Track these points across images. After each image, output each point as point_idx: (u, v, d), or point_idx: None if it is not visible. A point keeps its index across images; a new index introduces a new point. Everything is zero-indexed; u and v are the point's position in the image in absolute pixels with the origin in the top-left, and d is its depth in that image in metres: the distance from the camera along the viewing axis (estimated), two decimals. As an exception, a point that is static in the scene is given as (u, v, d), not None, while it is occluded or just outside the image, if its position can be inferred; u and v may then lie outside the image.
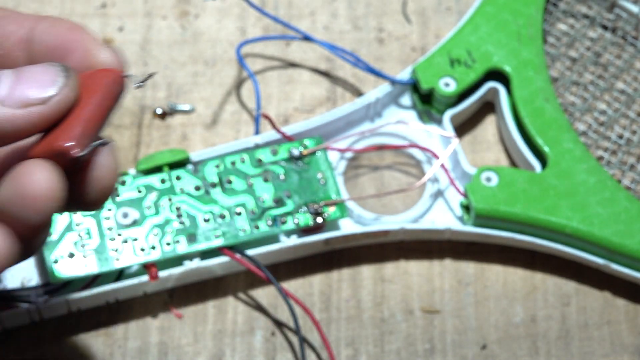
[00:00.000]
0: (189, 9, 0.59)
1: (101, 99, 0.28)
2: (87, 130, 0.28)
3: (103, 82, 0.29)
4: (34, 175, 0.27)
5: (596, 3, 0.58)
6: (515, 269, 0.52)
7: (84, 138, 0.28)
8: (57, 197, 0.27)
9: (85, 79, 0.29)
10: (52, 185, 0.27)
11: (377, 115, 0.55)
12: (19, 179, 0.27)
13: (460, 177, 0.53)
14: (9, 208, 0.27)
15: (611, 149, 0.54)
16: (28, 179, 0.27)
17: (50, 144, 0.28)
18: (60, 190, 0.27)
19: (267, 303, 0.51)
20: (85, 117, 0.28)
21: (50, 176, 0.27)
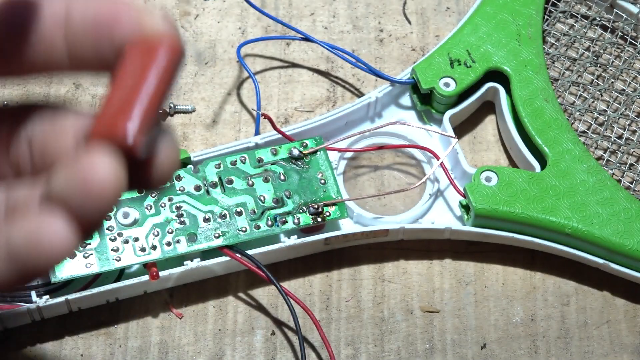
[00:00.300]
0: (190, 9, 0.59)
1: (160, 76, 0.25)
2: (149, 115, 0.25)
3: (159, 55, 0.25)
4: (97, 164, 0.25)
5: (596, 3, 0.58)
6: (514, 268, 0.52)
7: (145, 123, 0.25)
8: (120, 187, 0.25)
9: (138, 49, 0.25)
10: (116, 176, 0.25)
11: (377, 115, 0.55)
12: (81, 168, 0.25)
13: (460, 177, 0.53)
14: (69, 197, 0.25)
15: (611, 149, 0.54)
16: (90, 168, 0.25)
17: (110, 131, 0.25)
18: (123, 180, 0.25)
19: (267, 303, 0.51)
20: (145, 104, 0.25)
21: (114, 166, 0.25)
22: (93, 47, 0.26)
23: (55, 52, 0.27)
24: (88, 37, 0.26)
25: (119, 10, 0.26)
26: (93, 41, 0.26)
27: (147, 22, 0.26)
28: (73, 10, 0.27)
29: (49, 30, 0.27)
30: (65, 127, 0.28)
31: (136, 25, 0.26)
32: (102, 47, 0.26)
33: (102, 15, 0.26)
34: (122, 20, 0.26)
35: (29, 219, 0.25)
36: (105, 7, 0.26)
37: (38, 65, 0.27)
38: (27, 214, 0.26)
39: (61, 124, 0.28)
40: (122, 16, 0.26)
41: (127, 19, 0.26)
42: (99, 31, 0.26)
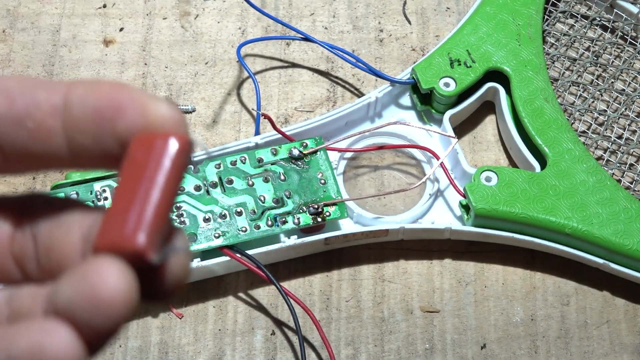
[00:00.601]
0: (190, 9, 0.59)
1: (169, 177, 0.23)
2: (160, 224, 0.23)
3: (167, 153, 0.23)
4: (106, 276, 0.23)
5: (596, 3, 0.58)
6: (514, 268, 0.52)
7: (157, 234, 0.23)
8: (132, 302, 0.23)
9: (143, 145, 0.23)
10: (126, 288, 0.23)
11: (377, 115, 0.55)
12: (88, 279, 0.23)
13: (460, 177, 0.53)
14: (75, 309, 0.23)
15: (611, 149, 0.54)
16: (98, 279, 0.23)
17: (119, 242, 0.23)
18: (134, 294, 0.23)
19: (267, 303, 0.51)
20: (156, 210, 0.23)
21: (124, 278, 0.23)
22: (94, 138, 0.25)
23: (53, 142, 0.25)
24: (89, 127, 0.24)
25: (121, 99, 0.24)
26: (94, 132, 0.24)
27: (152, 112, 0.24)
28: (73, 96, 0.25)
29: (46, 118, 0.25)
30: (72, 226, 0.26)
31: (141, 117, 0.24)
32: (104, 139, 0.24)
33: (104, 103, 0.24)
34: (125, 110, 0.24)
35: (33, 328, 0.24)
36: (108, 95, 0.24)
37: (36, 157, 0.25)
38: (31, 321, 0.24)
39: (68, 221, 0.26)
40: (125, 106, 0.24)
41: (131, 108, 0.24)
42: (101, 121, 0.24)
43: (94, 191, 0.49)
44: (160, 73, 0.57)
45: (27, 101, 0.25)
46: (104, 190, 0.49)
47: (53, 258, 0.26)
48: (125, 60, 0.57)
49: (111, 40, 0.58)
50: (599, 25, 0.58)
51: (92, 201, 0.48)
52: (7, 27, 0.58)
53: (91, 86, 0.25)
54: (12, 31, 0.58)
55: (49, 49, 0.57)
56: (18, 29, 0.58)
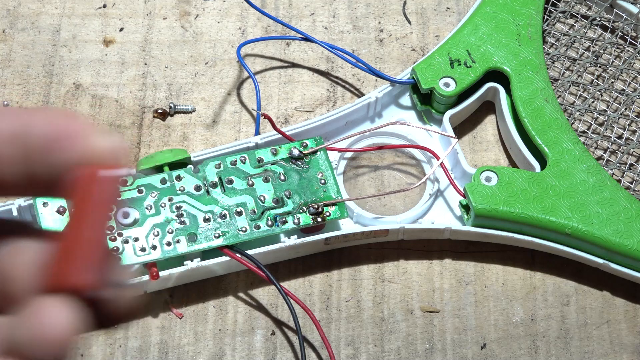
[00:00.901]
0: (190, 9, 0.59)
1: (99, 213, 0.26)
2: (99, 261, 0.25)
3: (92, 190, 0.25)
4: (53, 315, 0.25)
5: (596, 3, 0.58)
6: (514, 268, 0.52)
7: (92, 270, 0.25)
8: (77, 334, 0.25)
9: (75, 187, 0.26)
10: (72, 324, 0.25)
11: (377, 115, 0.55)
12: (36, 318, 0.25)
13: (460, 177, 0.53)
14: (24, 347, 0.25)
15: (611, 149, 0.54)
16: (46, 318, 0.25)
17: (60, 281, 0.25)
18: (80, 326, 0.26)
19: (267, 303, 0.51)
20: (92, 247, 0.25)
21: (70, 315, 0.25)
22: (42, 166, 0.26)
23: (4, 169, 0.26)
24: (44, 153, 0.26)
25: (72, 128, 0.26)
26: (42, 161, 0.26)
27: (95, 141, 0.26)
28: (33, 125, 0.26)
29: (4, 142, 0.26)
30: (25, 254, 0.27)
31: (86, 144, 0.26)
32: (52, 168, 0.26)
33: (56, 132, 0.26)
34: (73, 137, 0.26)
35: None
36: (60, 126, 0.26)
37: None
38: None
39: (23, 249, 0.27)
40: (73, 134, 0.26)
41: (76, 138, 0.26)
42: (54, 147, 0.26)
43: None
44: (160, 73, 0.57)
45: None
46: None
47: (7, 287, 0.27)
48: (125, 60, 0.57)
49: (111, 40, 0.58)
50: (599, 25, 0.58)
51: None
52: (7, 27, 0.58)
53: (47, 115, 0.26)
54: (12, 31, 0.58)
55: (49, 49, 0.57)
56: (18, 29, 0.58)
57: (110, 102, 0.56)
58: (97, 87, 0.56)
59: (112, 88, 0.56)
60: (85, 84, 0.56)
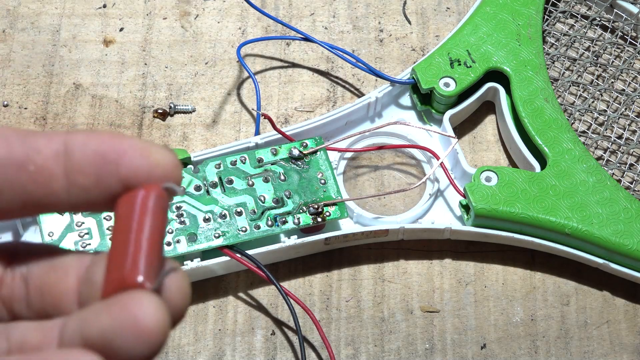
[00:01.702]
0: (190, 9, 0.59)
1: (153, 222, 0.27)
2: (154, 261, 0.26)
3: (150, 202, 0.27)
4: (146, 307, 0.25)
5: (596, 3, 0.58)
6: (514, 268, 0.52)
7: (152, 269, 0.26)
8: (168, 330, 0.25)
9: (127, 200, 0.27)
10: (164, 318, 0.25)
11: (377, 115, 0.55)
12: (128, 309, 0.25)
13: (460, 177, 0.53)
14: (113, 340, 0.25)
15: (611, 149, 0.54)
16: (139, 310, 0.25)
17: (121, 282, 0.26)
18: (169, 323, 0.25)
19: (267, 302, 0.51)
20: (146, 248, 0.26)
21: (161, 309, 0.25)
22: (97, 179, 0.27)
23: (54, 184, 0.27)
24: (91, 170, 0.27)
25: (124, 144, 0.27)
26: (97, 174, 0.27)
27: (154, 155, 0.27)
28: (74, 143, 0.27)
29: (47, 162, 0.27)
30: (68, 269, 0.28)
31: (144, 159, 0.27)
32: (107, 180, 0.27)
33: (105, 149, 0.27)
34: (127, 153, 0.27)
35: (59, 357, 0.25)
36: (108, 143, 0.27)
37: (35, 200, 0.27)
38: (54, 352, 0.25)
39: (63, 265, 0.28)
40: (128, 150, 0.27)
41: (134, 152, 0.27)
42: (104, 164, 0.27)
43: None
44: (160, 73, 0.57)
45: (26, 146, 0.27)
46: None
47: (47, 299, 0.28)
48: (125, 60, 0.57)
49: (111, 40, 0.58)
50: (599, 25, 0.58)
51: None
52: (7, 27, 0.58)
53: (90, 135, 0.27)
54: (12, 31, 0.58)
55: (49, 49, 0.57)
56: (18, 29, 0.58)
57: (110, 102, 0.56)
58: (97, 87, 0.56)
59: (112, 88, 0.56)
60: (85, 84, 0.56)
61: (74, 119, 0.55)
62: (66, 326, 0.26)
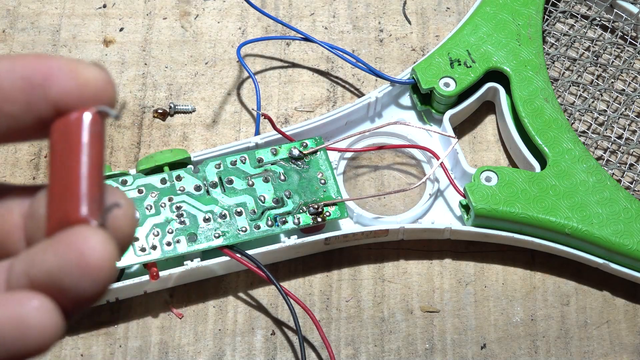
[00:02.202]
0: (190, 9, 0.59)
1: (91, 151, 0.25)
2: (95, 192, 0.25)
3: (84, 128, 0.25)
4: (92, 243, 0.24)
5: (596, 3, 0.58)
6: (514, 268, 0.52)
7: (95, 201, 0.25)
8: (115, 264, 0.24)
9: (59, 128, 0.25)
10: (110, 251, 0.24)
11: (377, 115, 0.55)
12: (74, 246, 0.24)
13: (460, 177, 0.53)
14: (60, 279, 0.24)
15: (611, 149, 0.54)
16: (85, 247, 0.24)
17: (65, 218, 0.25)
18: (117, 257, 0.24)
19: (267, 303, 0.51)
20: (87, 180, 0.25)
21: (107, 241, 0.24)
22: (26, 106, 0.25)
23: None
24: (19, 96, 0.25)
25: (50, 65, 0.25)
26: (25, 100, 0.25)
27: (83, 74, 0.26)
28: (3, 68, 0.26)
29: None
30: (10, 204, 0.27)
31: (72, 80, 0.25)
32: (37, 105, 0.25)
33: (31, 72, 0.25)
34: (57, 73, 0.25)
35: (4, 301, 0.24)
36: (34, 64, 0.25)
37: None
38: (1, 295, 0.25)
39: (5, 201, 0.27)
40: (55, 71, 0.25)
41: (61, 73, 0.25)
42: (31, 89, 0.25)
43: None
44: (160, 73, 0.57)
45: None
46: None
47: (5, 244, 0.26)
48: (125, 60, 0.57)
49: (111, 40, 0.58)
50: (599, 25, 0.58)
51: None
52: (7, 27, 0.58)
53: (15, 58, 0.26)
54: (12, 31, 0.58)
55: (49, 49, 0.57)
56: (18, 29, 0.58)
57: (110, 102, 0.56)
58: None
59: (112, 88, 0.56)
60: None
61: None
62: (13, 268, 0.25)
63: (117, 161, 0.54)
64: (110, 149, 0.54)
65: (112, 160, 0.54)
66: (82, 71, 0.26)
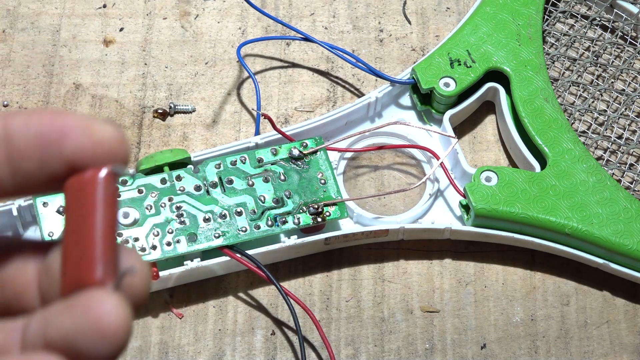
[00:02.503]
0: (190, 9, 0.59)
1: (105, 209, 0.25)
2: (110, 254, 0.25)
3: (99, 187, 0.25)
4: (108, 307, 0.24)
5: (596, 3, 0.58)
6: (514, 268, 0.52)
7: (110, 263, 0.25)
8: (131, 329, 0.25)
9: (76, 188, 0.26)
10: (127, 317, 0.24)
11: (377, 115, 0.55)
12: (90, 311, 0.24)
13: (460, 177, 0.53)
14: (76, 343, 0.24)
15: (611, 149, 0.54)
16: (101, 311, 0.24)
17: (80, 279, 0.25)
18: (132, 321, 0.25)
19: (267, 303, 0.51)
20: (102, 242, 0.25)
21: (123, 308, 0.24)
22: (40, 162, 0.26)
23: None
24: (34, 153, 0.25)
25: (66, 123, 0.26)
26: (40, 157, 0.26)
27: (97, 132, 0.26)
28: (13, 126, 0.26)
29: None
30: (25, 259, 0.27)
31: (87, 137, 0.25)
32: (51, 162, 0.26)
33: (47, 129, 0.25)
34: (70, 132, 0.25)
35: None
36: (50, 121, 0.26)
37: None
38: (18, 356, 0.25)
39: (20, 255, 0.27)
40: (70, 129, 0.25)
41: (76, 131, 0.25)
42: (46, 146, 0.25)
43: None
44: (160, 73, 0.57)
45: None
46: None
47: (8, 294, 0.27)
48: (125, 60, 0.57)
49: (111, 40, 0.58)
50: (599, 25, 0.58)
51: None
52: (7, 27, 0.58)
53: (29, 116, 0.26)
54: (12, 31, 0.58)
55: (49, 49, 0.57)
56: (18, 29, 0.58)
57: (110, 102, 0.56)
58: (97, 87, 0.56)
59: (112, 88, 0.56)
60: (85, 84, 0.56)
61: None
62: (28, 327, 0.25)
63: (117, 161, 0.54)
64: (110, 149, 0.54)
65: (112, 160, 0.54)
66: (97, 129, 0.26)
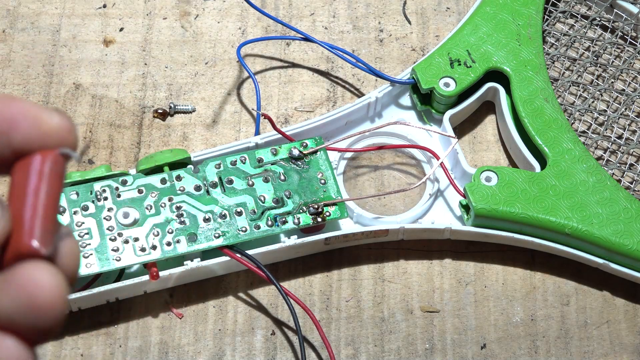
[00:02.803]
0: (190, 9, 0.59)
1: (49, 188, 0.26)
2: (48, 226, 0.26)
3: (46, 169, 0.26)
4: (40, 280, 0.25)
5: (596, 3, 0.58)
6: (514, 268, 0.52)
7: (47, 234, 0.26)
8: (66, 298, 0.25)
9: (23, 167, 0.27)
10: (60, 287, 0.25)
11: (377, 115, 0.55)
12: (25, 287, 0.25)
13: (460, 177, 0.53)
14: (17, 319, 0.25)
15: (611, 149, 0.54)
16: (34, 285, 0.25)
17: (18, 248, 0.26)
18: (66, 290, 0.26)
19: (267, 303, 0.51)
20: (42, 213, 0.26)
21: (56, 278, 0.25)
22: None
23: None
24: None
25: (14, 112, 0.26)
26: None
27: (46, 123, 0.26)
28: None
29: None
30: None
31: (35, 128, 0.26)
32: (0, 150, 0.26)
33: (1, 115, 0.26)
34: (21, 120, 0.26)
35: None
36: (2, 110, 0.26)
37: None
38: None
39: None
40: (21, 117, 0.26)
41: (27, 119, 0.26)
42: None
43: (93, 191, 0.49)
44: (160, 73, 0.57)
45: None
46: (104, 190, 0.49)
47: None
48: (125, 60, 0.57)
49: (111, 40, 0.58)
50: (599, 25, 0.58)
51: (92, 201, 0.48)
52: (7, 27, 0.58)
53: None
54: (12, 31, 0.58)
55: (49, 49, 0.57)
56: (18, 29, 0.58)
57: (110, 102, 0.56)
58: (97, 87, 0.56)
59: (112, 88, 0.56)
60: (85, 84, 0.56)
61: (74, 119, 0.55)
62: None
63: (117, 161, 0.54)
64: (110, 149, 0.54)
65: (112, 160, 0.54)
66: (45, 119, 0.26)
